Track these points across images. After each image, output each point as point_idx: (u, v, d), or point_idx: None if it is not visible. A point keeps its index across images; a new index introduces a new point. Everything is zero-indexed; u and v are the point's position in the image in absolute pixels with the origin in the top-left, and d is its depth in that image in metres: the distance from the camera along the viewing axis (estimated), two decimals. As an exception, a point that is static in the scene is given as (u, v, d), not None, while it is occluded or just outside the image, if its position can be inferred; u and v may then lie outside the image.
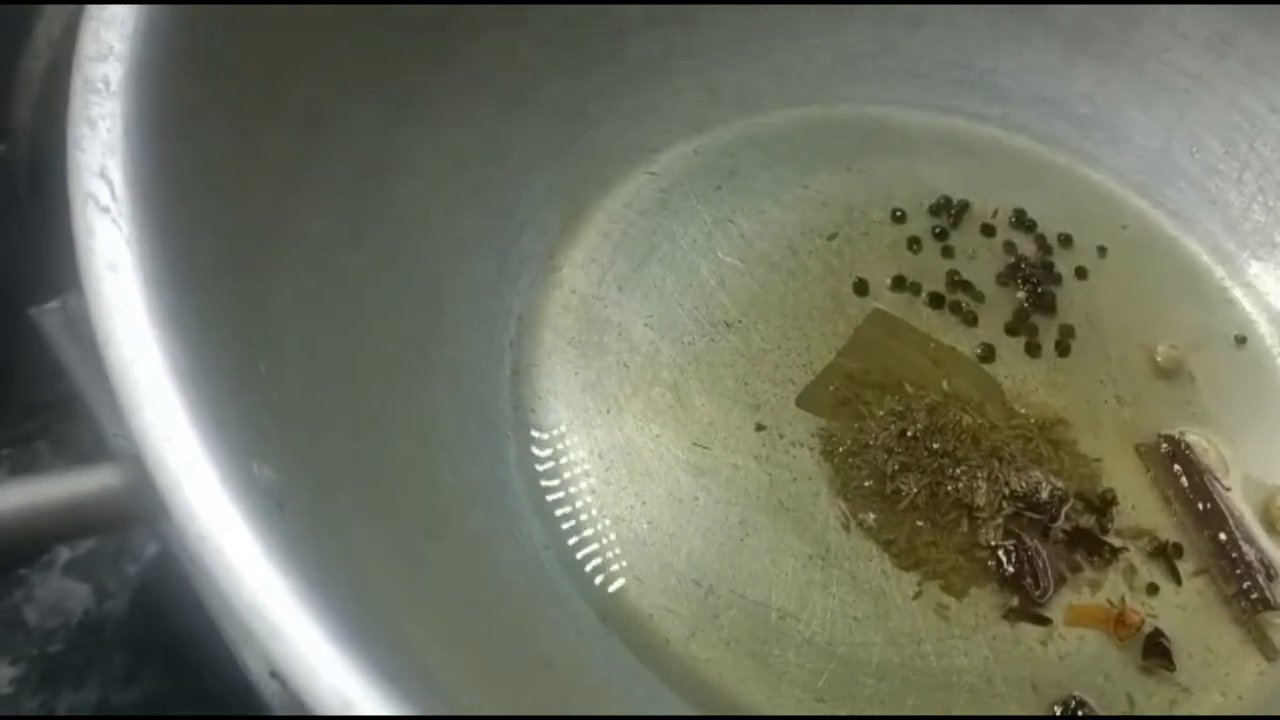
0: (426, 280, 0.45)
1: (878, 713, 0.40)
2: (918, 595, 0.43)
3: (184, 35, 0.32)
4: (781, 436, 0.46)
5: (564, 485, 0.44)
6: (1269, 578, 0.44)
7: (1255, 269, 0.53)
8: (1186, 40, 0.55)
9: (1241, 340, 0.51)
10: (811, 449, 0.46)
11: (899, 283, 0.51)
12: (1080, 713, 0.40)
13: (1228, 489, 0.46)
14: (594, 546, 0.43)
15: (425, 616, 0.35)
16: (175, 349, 0.25)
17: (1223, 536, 0.44)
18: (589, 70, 0.52)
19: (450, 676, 0.32)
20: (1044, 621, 0.43)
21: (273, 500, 0.25)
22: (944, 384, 0.48)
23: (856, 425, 0.46)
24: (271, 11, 0.37)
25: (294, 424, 0.33)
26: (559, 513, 0.43)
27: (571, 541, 0.43)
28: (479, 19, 0.48)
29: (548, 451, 0.45)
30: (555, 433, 0.45)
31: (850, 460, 0.45)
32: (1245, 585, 0.43)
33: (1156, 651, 0.42)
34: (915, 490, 0.44)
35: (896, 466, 0.45)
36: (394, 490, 0.38)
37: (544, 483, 0.44)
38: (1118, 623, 0.43)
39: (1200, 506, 0.45)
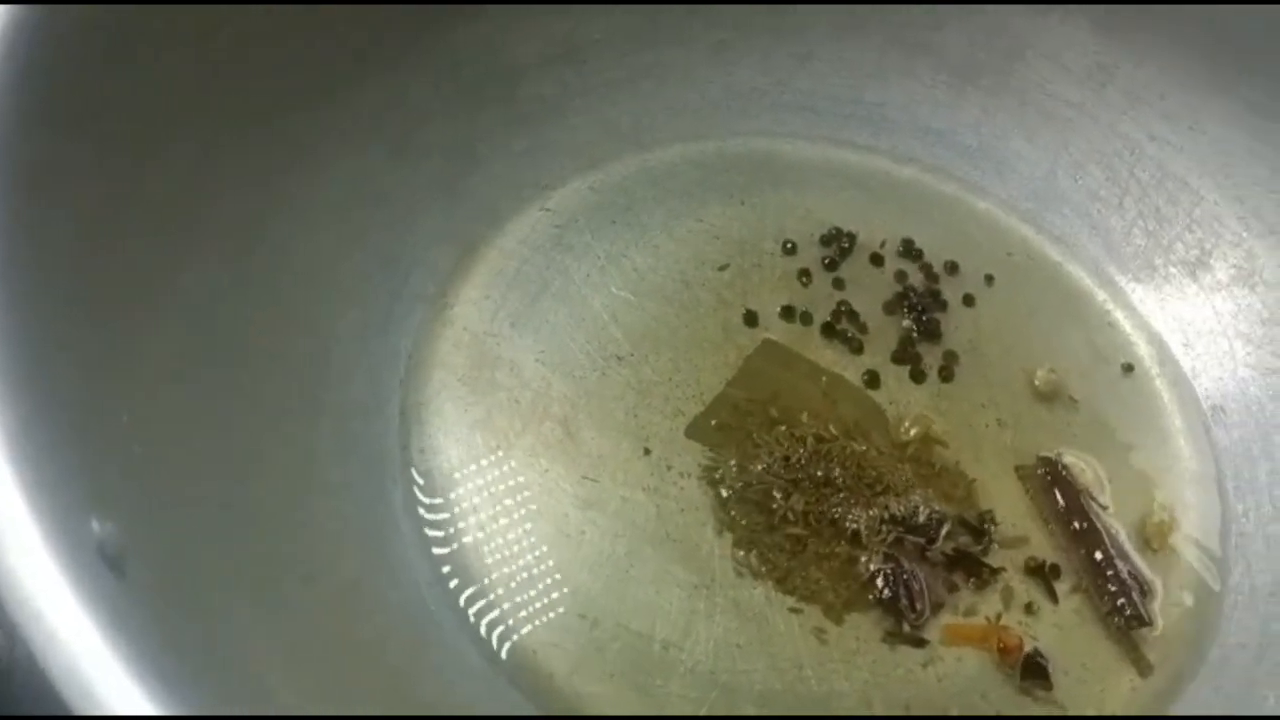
0: (313, 323, 0.46)
1: (758, 739, 0.41)
2: (799, 622, 0.44)
3: (48, 80, 0.32)
4: (670, 467, 0.47)
5: (451, 524, 0.45)
6: (1143, 594, 0.45)
7: (1136, 292, 0.55)
8: (1068, 71, 0.56)
9: (1128, 368, 0.52)
10: (699, 479, 0.47)
11: (789, 313, 0.52)
12: (954, 733, 0.41)
13: (1104, 508, 0.47)
14: (479, 586, 0.43)
15: (295, 665, 0.35)
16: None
17: (1098, 555, 0.45)
18: (478, 112, 0.53)
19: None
20: (922, 643, 0.43)
21: (107, 559, 0.25)
22: (830, 412, 0.49)
23: (743, 455, 0.47)
24: (143, 56, 0.37)
25: (156, 475, 0.33)
26: (444, 553, 0.44)
27: (456, 582, 0.43)
28: (366, 63, 0.48)
29: (435, 491, 0.45)
30: (443, 472, 0.46)
31: (736, 489, 0.46)
32: (1120, 602, 0.45)
33: (1034, 672, 0.43)
34: (798, 517, 0.45)
35: (781, 495, 0.46)
36: (268, 537, 0.39)
37: (430, 523, 0.44)
38: (1001, 651, 0.43)
39: (1076, 525, 0.46)
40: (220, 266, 0.42)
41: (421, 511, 0.44)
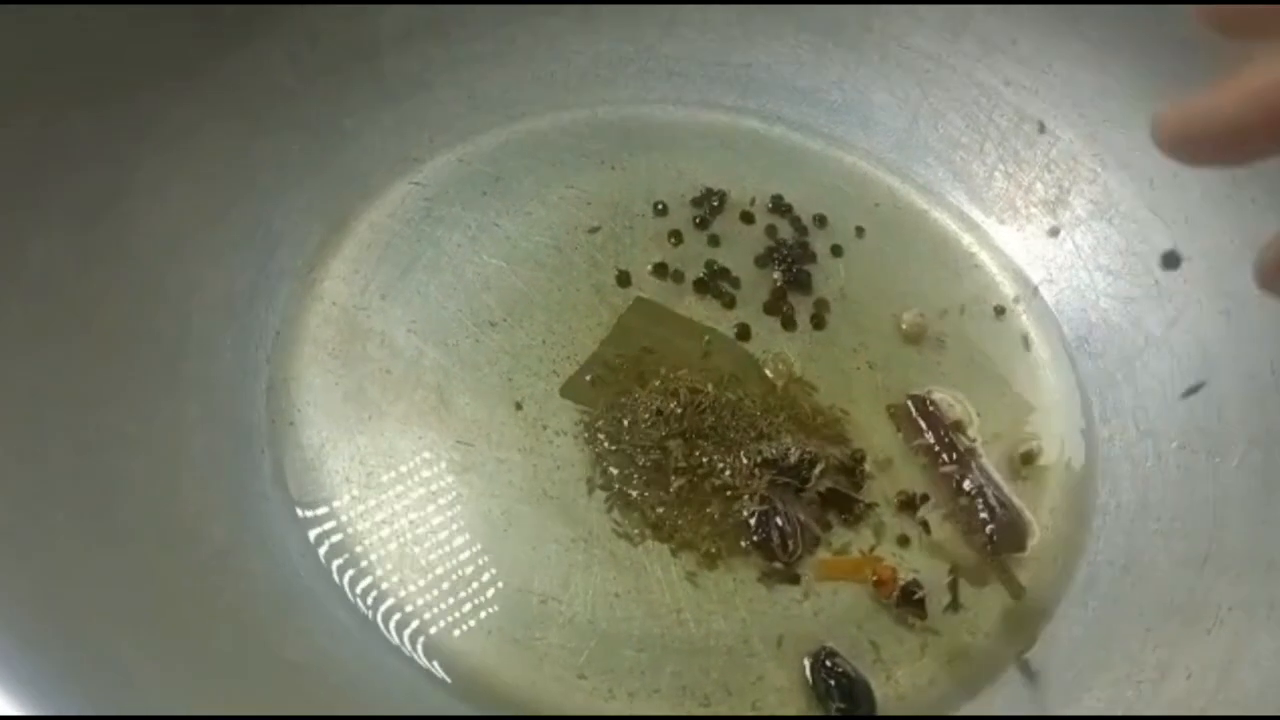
0: (173, 297, 0.45)
1: (638, 683, 0.41)
2: (677, 568, 0.44)
3: None
4: (545, 427, 0.47)
5: (322, 494, 0.44)
6: (1012, 519, 0.46)
7: (999, 234, 0.56)
8: (923, 23, 0.58)
9: (996, 308, 0.53)
10: (575, 437, 0.47)
11: (661, 271, 0.52)
12: (829, 662, 0.41)
13: (973, 440, 0.48)
14: (352, 552, 0.43)
15: (153, 632, 0.35)
16: None
17: (967, 484, 0.46)
18: (342, 85, 0.53)
19: (174, 687, 0.32)
20: (796, 580, 0.44)
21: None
22: (704, 365, 0.49)
23: (618, 410, 0.47)
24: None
25: (5, 453, 0.33)
26: (314, 521, 0.43)
27: (327, 550, 0.43)
28: (221, 37, 0.48)
29: (305, 462, 0.45)
30: (313, 443, 0.45)
31: (611, 444, 0.47)
32: (990, 529, 0.46)
33: (909, 601, 0.44)
34: (673, 468, 0.45)
35: (655, 446, 0.46)
36: (127, 508, 0.38)
37: (300, 492, 0.44)
38: (876, 584, 0.44)
39: (945, 458, 0.47)
40: (70, 239, 0.41)
41: (291, 482, 0.44)
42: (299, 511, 0.43)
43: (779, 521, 0.44)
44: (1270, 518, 0.43)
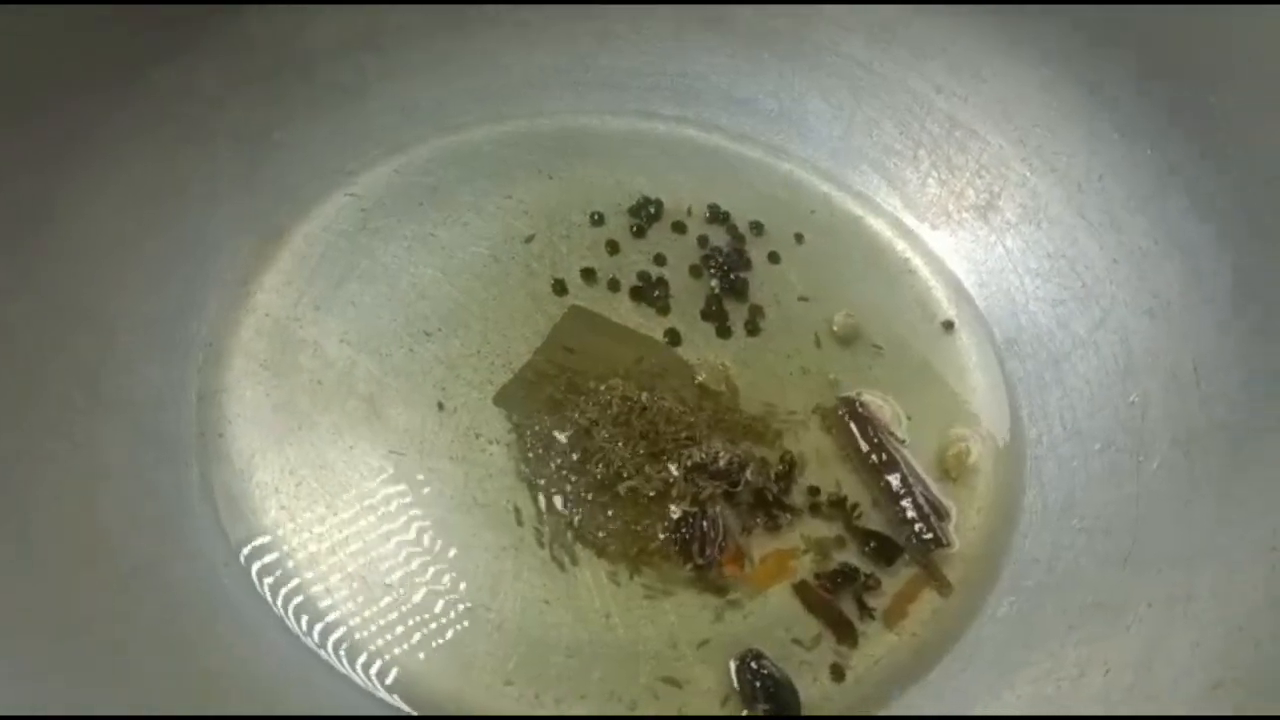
0: (95, 311, 0.45)
1: (566, 688, 0.41)
2: (606, 573, 0.44)
3: None
4: (478, 435, 0.47)
5: (250, 505, 0.44)
6: (940, 518, 0.47)
7: (932, 239, 0.57)
8: (854, 33, 0.58)
9: (927, 312, 0.54)
10: (507, 445, 0.47)
11: (597, 280, 0.53)
12: (755, 664, 0.42)
13: (902, 441, 0.49)
14: (281, 564, 0.43)
15: (71, 644, 0.34)
16: None
17: (896, 484, 0.47)
18: (275, 98, 0.53)
19: (92, 694, 0.32)
20: (723, 591, 0.44)
21: None
22: (637, 371, 0.49)
23: (551, 418, 0.48)
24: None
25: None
26: (241, 533, 0.43)
27: (254, 562, 0.43)
28: (151, 49, 0.48)
29: (233, 474, 0.45)
30: (242, 455, 0.45)
31: (542, 451, 0.47)
32: (918, 527, 0.46)
33: (847, 581, 0.45)
34: (604, 474, 0.46)
35: (586, 453, 0.46)
36: (42, 523, 0.38)
37: (227, 505, 0.44)
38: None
39: (875, 459, 0.48)
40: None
41: (218, 494, 0.44)
42: (225, 523, 0.43)
43: (704, 525, 0.44)
44: (1189, 516, 0.43)
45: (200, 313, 0.48)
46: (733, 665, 0.42)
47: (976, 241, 0.56)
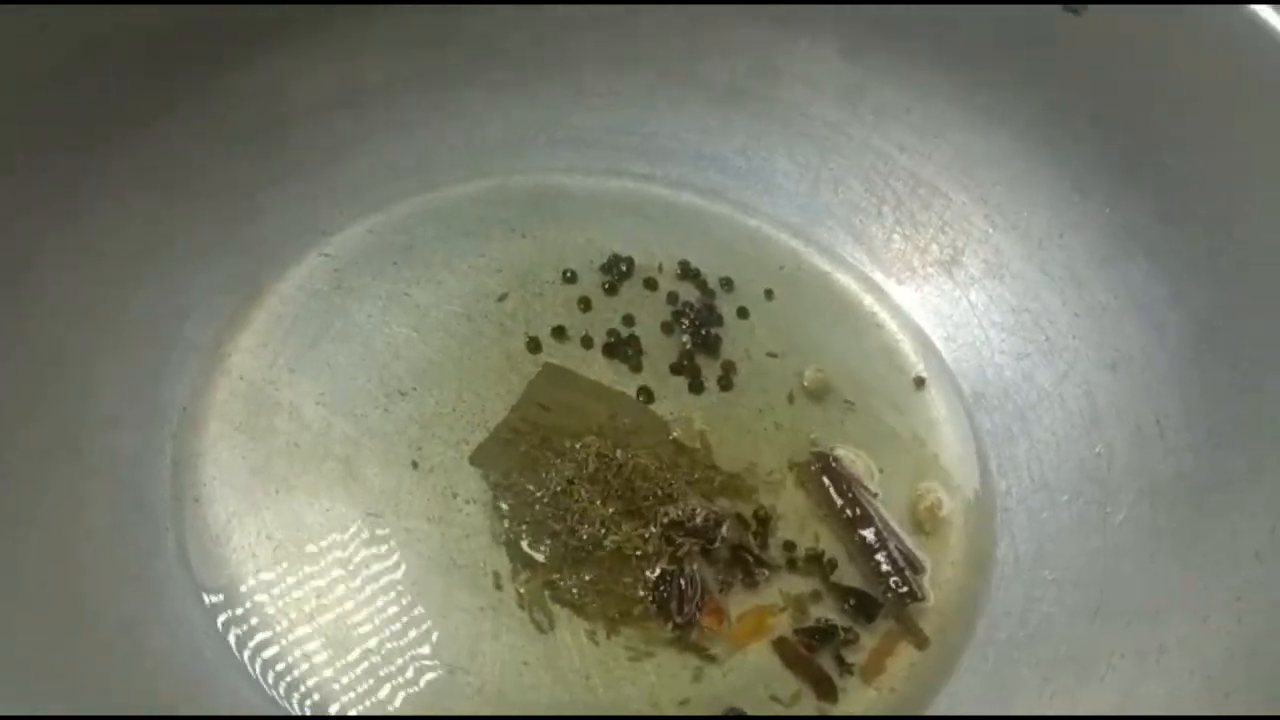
0: (76, 374, 0.45)
1: (547, 751, 0.41)
2: (585, 633, 0.44)
3: None
4: (455, 495, 0.47)
5: (227, 569, 0.44)
6: (914, 571, 0.47)
7: (898, 293, 0.58)
8: (822, 93, 0.60)
9: (896, 365, 0.55)
10: (484, 504, 0.47)
11: (570, 337, 0.53)
12: (737, 723, 0.42)
13: (875, 495, 0.49)
14: (256, 628, 0.43)
15: (48, 704, 0.34)
16: None
17: (870, 538, 0.48)
18: (251, 159, 0.53)
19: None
20: (703, 649, 0.45)
21: None
22: (612, 428, 0.50)
23: (528, 476, 0.48)
24: None
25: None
26: (218, 599, 0.43)
27: (232, 627, 0.43)
28: (128, 111, 0.48)
29: (209, 539, 0.45)
30: (219, 519, 0.45)
31: (520, 510, 0.47)
32: (893, 580, 0.47)
33: (825, 636, 0.45)
34: (581, 533, 0.46)
35: (563, 512, 0.46)
36: (29, 585, 0.38)
37: (205, 569, 0.44)
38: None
39: (849, 513, 0.48)
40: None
41: (194, 559, 0.44)
42: (202, 588, 0.43)
43: (681, 583, 0.44)
44: (1156, 568, 0.44)
45: (177, 375, 0.48)
46: (715, 724, 0.43)
47: (942, 296, 0.57)
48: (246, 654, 0.42)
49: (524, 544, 0.46)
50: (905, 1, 0.53)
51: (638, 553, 0.46)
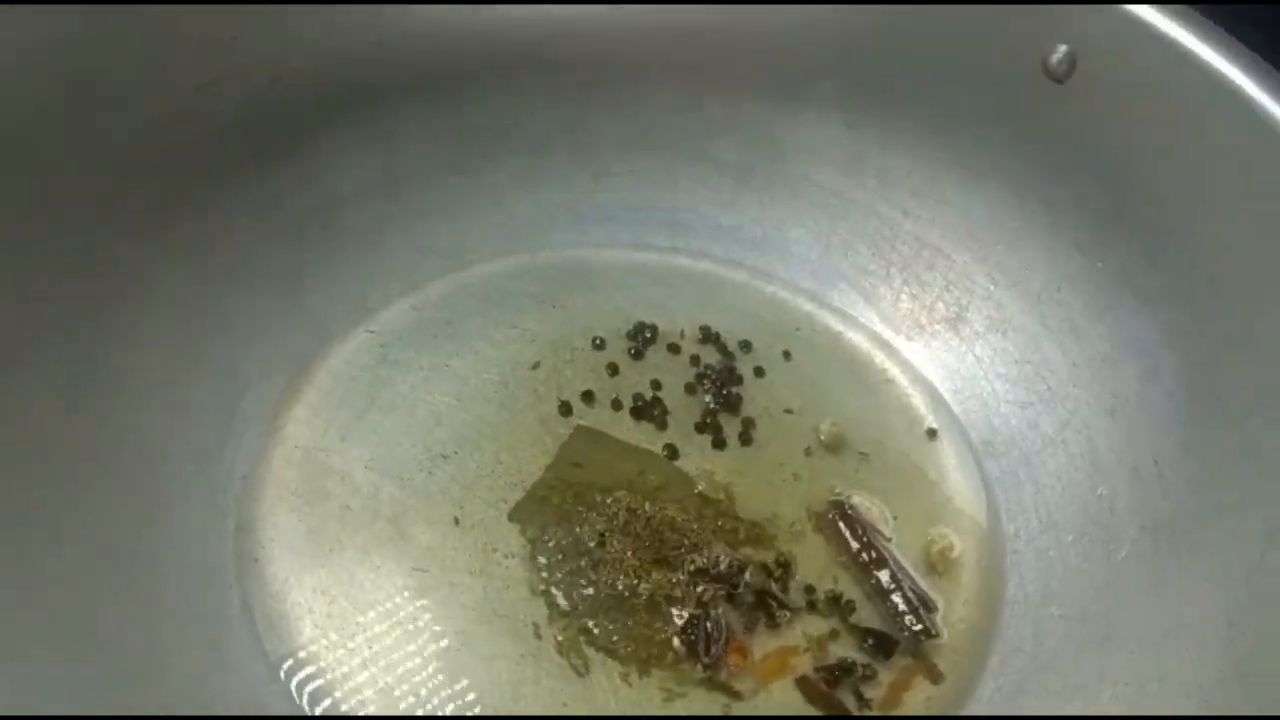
0: (148, 448, 0.49)
1: (586, 786, 0.44)
2: (620, 675, 0.48)
3: None
4: (495, 550, 0.51)
5: (287, 626, 0.48)
6: (929, 610, 0.50)
7: (908, 349, 0.61)
8: (828, 163, 0.64)
9: (908, 417, 0.58)
10: (522, 558, 0.51)
11: (600, 401, 0.57)
12: (762, 756, 0.45)
13: (889, 540, 0.52)
14: (317, 678, 0.47)
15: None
16: None
17: (886, 580, 0.51)
18: (303, 242, 0.58)
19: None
20: (730, 683, 0.48)
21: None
22: (641, 484, 0.53)
23: (562, 531, 0.51)
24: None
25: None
26: (281, 653, 0.47)
27: (295, 676, 0.46)
28: (191, 201, 0.53)
29: (270, 597, 0.49)
30: (278, 579, 0.49)
31: (556, 562, 0.50)
32: (908, 619, 0.50)
33: (846, 673, 0.48)
34: (614, 581, 0.49)
35: (598, 562, 0.50)
36: (107, 647, 0.42)
37: (267, 627, 0.48)
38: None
39: (865, 557, 0.51)
40: (55, 397, 0.46)
41: (258, 616, 0.48)
42: (264, 642, 0.47)
43: (708, 626, 0.48)
44: (1157, 599, 0.47)
45: (237, 446, 0.52)
46: (745, 758, 0.45)
47: (949, 351, 0.60)
48: (305, 699, 0.45)
49: (561, 595, 0.49)
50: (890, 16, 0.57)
51: (667, 599, 0.49)
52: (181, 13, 0.50)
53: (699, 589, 0.49)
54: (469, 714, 0.46)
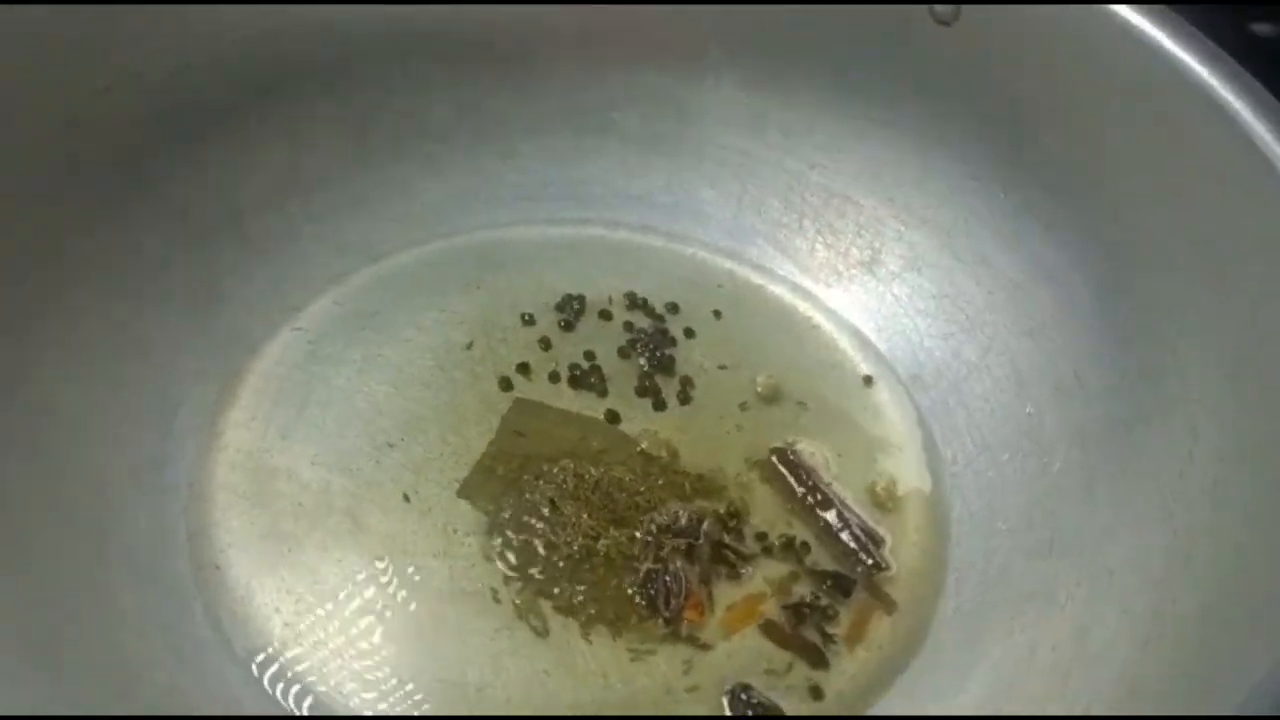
0: (86, 472, 0.48)
1: (577, 747, 0.45)
2: (594, 637, 0.48)
3: None
4: (455, 530, 0.51)
5: (255, 627, 0.47)
6: (876, 545, 0.52)
7: (829, 295, 0.63)
8: (730, 125, 0.65)
9: (835, 363, 0.60)
10: (481, 534, 0.51)
11: (537, 374, 0.57)
12: (744, 695, 0.46)
13: (832, 481, 0.54)
14: (291, 675, 0.46)
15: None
16: None
17: (833, 520, 0.52)
18: (214, 251, 0.57)
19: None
20: (695, 639, 0.49)
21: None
22: (586, 450, 0.54)
23: (516, 503, 0.52)
24: None
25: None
26: (252, 654, 0.46)
27: (268, 676, 0.46)
28: (92, 219, 0.52)
29: (234, 600, 0.48)
30: (240, 582, 0.48)
31: (515, 535, 0.51)
32: (860, 555, 0.51)
33: (812, 609, 0.49)
34: (573, 547, 0.50)
35: (553, 528, 0.50)
36: (76, 664, 0.41)
37: (234, 630, 0.47)
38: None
39: (810, 500, 0.53)
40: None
41: (225, 622, 0.47)
42: (234, 646, 0.46)
43: (666, 579, 0.49)
44: (1096, 500, 0.49)
45: (177, 458, 0.51)
46: (725, 700, 0.47)
47: (868, 293, 0.62)
48: (286, 698, 0.45)
49: (524, 565, 0.50)
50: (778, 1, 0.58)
51: (626, 557, 0.50)
52: (64, 13, 0.48)
53: (659, 545, 0.49)
54: (469, 715, 0.45)
